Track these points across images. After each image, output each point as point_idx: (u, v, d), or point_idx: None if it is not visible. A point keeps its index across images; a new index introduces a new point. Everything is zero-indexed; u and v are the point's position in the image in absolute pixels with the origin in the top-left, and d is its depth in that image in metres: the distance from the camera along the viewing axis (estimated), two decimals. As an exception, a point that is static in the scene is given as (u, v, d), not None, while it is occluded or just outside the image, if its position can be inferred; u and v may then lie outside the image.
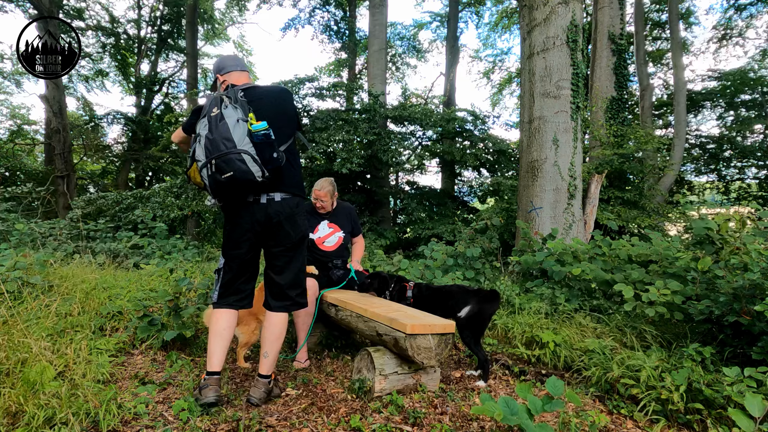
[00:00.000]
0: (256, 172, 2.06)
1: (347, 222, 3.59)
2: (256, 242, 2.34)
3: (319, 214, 3.51)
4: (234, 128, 2.05)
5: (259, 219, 2.26)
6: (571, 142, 5.30)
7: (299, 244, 2.37)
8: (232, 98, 2.15)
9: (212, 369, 2.26)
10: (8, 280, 3.22)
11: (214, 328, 2.32)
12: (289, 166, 2.30)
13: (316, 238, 3.48)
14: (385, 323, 2.54)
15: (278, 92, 2.36)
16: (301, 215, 2.36)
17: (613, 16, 9.76)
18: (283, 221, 2.27)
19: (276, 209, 2.26)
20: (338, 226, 3.54)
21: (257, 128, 2.05)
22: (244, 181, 2.07)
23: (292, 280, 2.39)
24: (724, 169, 14.35)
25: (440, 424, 2.19)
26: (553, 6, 5.28)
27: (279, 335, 2.39)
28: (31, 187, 10.70)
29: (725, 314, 2.72)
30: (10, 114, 18.18)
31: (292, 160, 2.36)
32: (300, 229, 2.36)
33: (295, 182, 2.35)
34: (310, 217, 3.50)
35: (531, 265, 4.42)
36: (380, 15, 11.24)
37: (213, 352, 2.28)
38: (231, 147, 2.02)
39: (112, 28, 17.24)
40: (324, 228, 3.51)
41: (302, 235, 2.38)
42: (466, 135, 10.64)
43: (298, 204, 2.35)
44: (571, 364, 3.02)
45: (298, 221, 2.34)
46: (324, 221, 3.52)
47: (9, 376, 2.09)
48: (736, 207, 12.71)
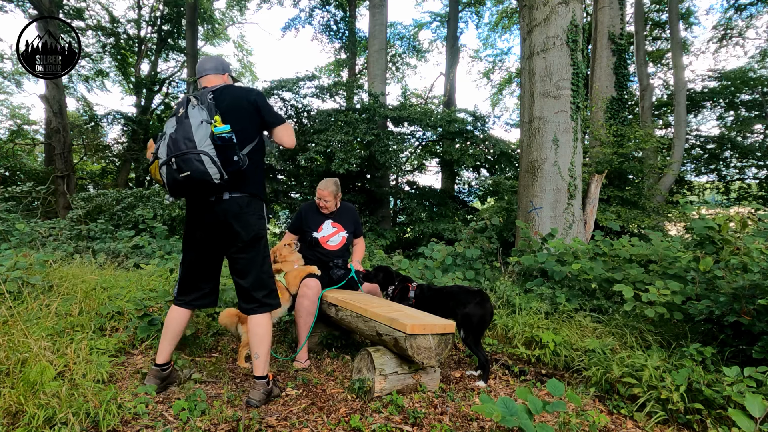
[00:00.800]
0: (214, 174, 2.08)
1: (350, 223, 3.60)
2: (211, 241, 2.35)
3: (322, 213, 3.52)
4: (197, 129, 2.08)
5: (210, 217, 2.29)
6: (571, 142, 5.30)
7: (253, 244, 2.33)
8: (200, 100, 2.20)
9: (157, 361, 2.43)
10: (8, 280, 3.21)
11: (166, 323, 2.44)
12: (252, 168, 2.30)
13: (320, 237, 3.48)
14: (385, 323, 2.54)
15: (245, 93, 2.34)
16: (253, 215, 2.32)
17: (613, 16, 9.76)
18: (231, 220, 2.26)
19: (224, 207, 2.25)
20: (342, 226, 3.54)
21: (220, 131, 2.07)
22: (201, 182, 2.09)
23: (255, 281, 2.36)
24: (724, 169, 14.36)
25: (440, 424, 2.19)
26: (553, 6, 5.28)
27: (263, 336, 2.36)
28: (31, 187, 10.70)
29: (725, 314, 2.72)
30: (10, 114, 18.20)
31: (257, 162, 2.36)
32: (252, 229, 2.31)
33: (253, 182, 2.33)
34: (314, 216, 3.52)
35: (531, 265, 4.42)
36: (380, 15, 11.24)
37: (160, 345, 2.43)
38: (191, 147, 2.05)
39: (112, 28, 17.24)
40: (328, 227, 3.51)
41: (256, 235, 2.33)
42: (466, 135, 10.64)
43: (249, 203, 2.31)
44: (571, 364, 3.02)
45: (250, 221, 2.30)
46: (328, 220, 3.53)
47: (9, 376, 2.09)
48: (736, 207, 12.72)
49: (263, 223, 2.38)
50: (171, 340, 2.43)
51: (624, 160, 7.47)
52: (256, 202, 2.35)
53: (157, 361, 2.44)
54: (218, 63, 2.51)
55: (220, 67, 2.50)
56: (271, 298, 2.42)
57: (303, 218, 3.53)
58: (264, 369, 2.37)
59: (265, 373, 2.38)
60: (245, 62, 23.31)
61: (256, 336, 2.35)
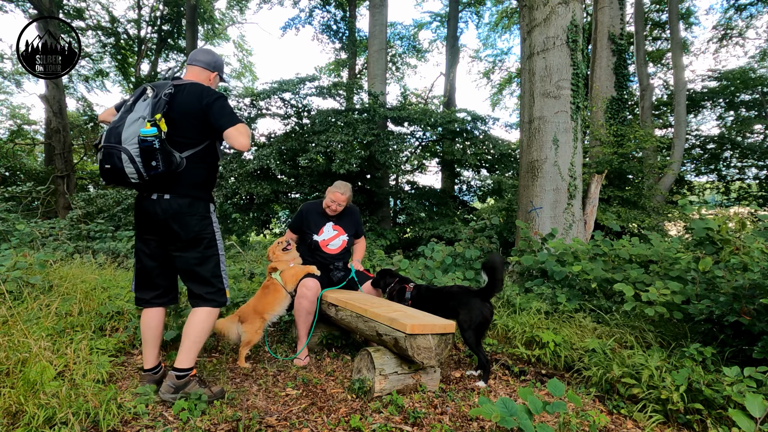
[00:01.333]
0: (131, 173, 2.06)
1: (352, 225, 3.56)
2: (154, 236, 2.33)
3: (325, 215, 3.47)
4: (130, 125, 2.04)
5: (149, 214, 2.27)
6: (571, 142, 5.29)
7: (194, 244, 2.29)
8: (155, 92, 2.16)
9: (145, 367, 2.42)
10: (8, 280, 3.21)
11: (141, 330, 2.41)
12: (191, 169, 2.25)
13: (321, 241, 3.44)
14: (385, 323, 2.55)
15: (200, 96, 2.25)
16: (194, 216, 2.28)
17: (613, 16, 9.76)
18: (169, 219, 2.24)
19: (163, 207, 2.24)
20: (343, 229, 3.50)
21: (145, 133, 2.02)
22: (120, 178, 2.09)
23: (195, 279, 2.34)
24: (724, 169, 14.36)
25: (440, 424, 2.19)
26: (553, 6, 5.28)
27: (190, 331, 2.31)
28: (31, 187, 10.69)
29: (725, 314, 2.72)
30: (10, 114, 18.20)
31: (200, 164, 2.30)
32: (192, 230, 2.27)
33: (193, 185, 2.29)
34: (316, 217, 3.46)
35: (531, 265, 4.42)
36: (380, 15, 11.24)
37: (144, 352, 2.43)
38: (115, 142, 2.04)
39: (112, 28, 17.24)
40: (329, 230, 3.47)
41: (196, 236, 2.29)
42: (466, 135, 10.64)
43: (191, 204, 2.27)
44: (571, 364, 3.02)
45: (189, 222, 2.26)
46: (329, 223, 3.48)
47: (9, 376, 2.09)
48: (736, 207, 12.72)
49: (207, 224, 2.33)
50: (151, 344, 2.41)
51: (624, 160, 7.47)
52: (199, 204, 2.31)
53: (145, 368, 2.42)
54: (212, 59, 2.46)
55: (212, 65, 2.45)
56: (216, 295, 2.37)
57: (304, 219, 3.49)
58: (182, 362, 2.29)
59: (183, 366, 2.29)
60: (245, 62, 23.33)
61: (186, 328, 2.32)
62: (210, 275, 2.35)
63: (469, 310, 2.86)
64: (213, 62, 2.46)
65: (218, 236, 2.40)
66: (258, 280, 4.98)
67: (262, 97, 10.27)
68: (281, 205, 10.78)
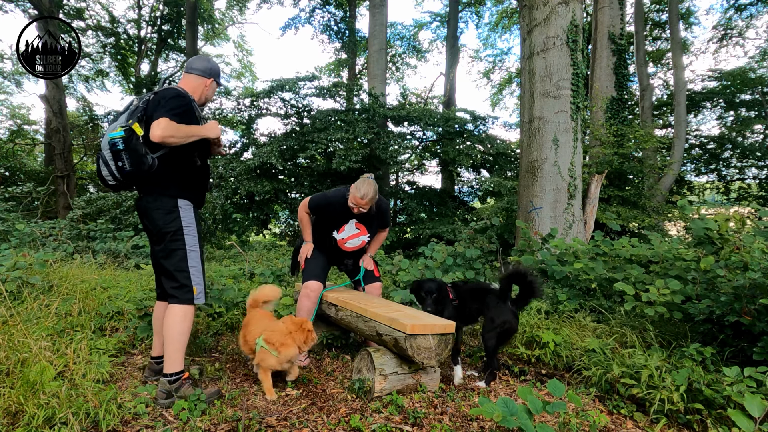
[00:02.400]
0: (106, 175, 2.26)
1: (376, 225, 3.28)
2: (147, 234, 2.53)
3: (350, 211, 3.11)
4: (110, 130, 2.21)
5: (138, 214, 2.53)
6: (571, 142, 5.29)
7: (161, 237, 2.37)
8: (141, 99, 2.34)
9: (152, 354, 2.62)
10: (8, 280, 3.22)
11: (153, 318, 2.62)
12: (162, 168, 2.33)
13: (339, 239, 3.21)
14: (385, 323, 2.54)
15: (161, 97, 2.31)
16: (159, 210, 2.36)
17: (613, 16, 9.76)
18: (142, 216, 2.45)
19: (140, 205, 2.45)
20: (366, 229, 3.23)
21: (111, 136, 2.19)
22: (104, 181, 2.31)
23: (164, 272, 2.41)
24: (724, 169, 14.36)
25: (440, 424, 2.19)
26: (553, 6, 5.28)
27: (165, 332, 2.34)
28: (31, 187, 10.69)
29: (726, 314, 2.72)
30: (10, 114, 18.19)
31: (170, 163, 2.36)
32: (157, 224, 2.36)
33: (164, 182, 2.36)
34: (341, 211, 3.13)
35: (531, 265, 4.42)
36: (380, 15, 11.24)
37: (154, 339, 2.61)
38: (97, 149, 2.29)
39: (112, 28, 17.24)
40: (351, 228, 3.22)
41: (161, 230, 2.36)
42: (466, 135, 10.64)
43: (156, 200, 2.37)
44: (572, 364, 3.02)
45: (155, 216, 2.36)
46: (353, 220, 3.20)
47: (9, 376, 2.09)
48: (736, 207, 12.73)
49: (172, 218, 2.36)
50: (158, 333, 2.56)
51: (624, 160, 7.47)
52: (164, 200, 2.37)
53: (152, 354, 2.60)
54: (207, 66, 2.52)
55: (207, 71, 2.51)
56: (179, 291, 2.37)
57: (328, 208, 3.17)
58: (169, 366, 2.32)
59: (170, 370, 2.31)
60: (245, 62, 23.34)
61: (163, 326, 2.37)
62: (174, 269, 2.38)
63: (501, 314, 2.83)
64: (208, 69, 2.51)
65: (187, 231, 2.40)
66: (258, 280, 4.98)
67: (261, 96, 10.28)
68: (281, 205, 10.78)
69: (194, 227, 2.44)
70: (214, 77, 2.53)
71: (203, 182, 2.58)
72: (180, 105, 2.30)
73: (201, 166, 2.52)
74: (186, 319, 2.37)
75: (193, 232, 2.43)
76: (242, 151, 11.07)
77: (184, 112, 2.31)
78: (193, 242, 2.42)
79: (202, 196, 2.59)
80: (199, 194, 2.56)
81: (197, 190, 2.52)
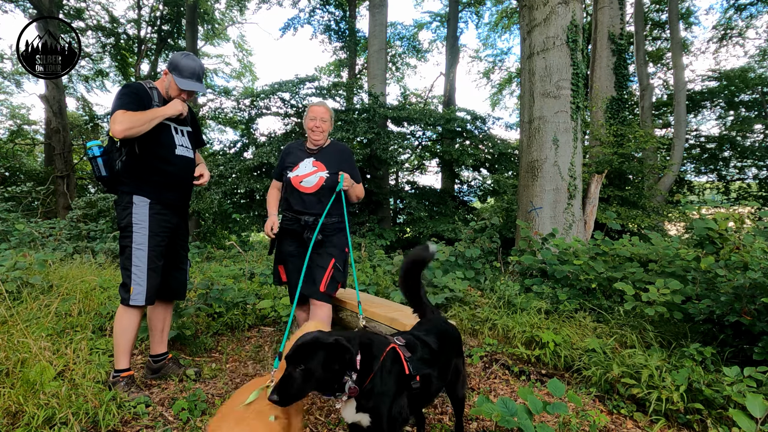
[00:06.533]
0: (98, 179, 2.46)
1: (335, 162, 2.84)
2: None
3: (307, 151, 2.89)
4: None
5: None
6: (571, 142, 5.29)
7: (120, 234, 2.45)
8: None
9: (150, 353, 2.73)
10: (8, 281, 3.22)
11: None
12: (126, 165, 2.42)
13: (293, 177, 2.81)
14: (385, 323, 2.54)
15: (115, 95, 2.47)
16: (117, 206, 2.44)
17: (613, 16, 9.76)
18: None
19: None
20: (324, 165, 2.82)
21: (89, 145, 2.41)
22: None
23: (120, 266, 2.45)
24: (724, 169, 14.36)
25: (440, 424, 2.19)
26: (553, 6, 5.28)
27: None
28: (31, 187, 10.69)
29: (726, 314, 2.72)
30: (10, 114, 18.19)
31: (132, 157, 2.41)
32: (116, 221, 2.49)
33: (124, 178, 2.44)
34: (296, 152, 2.91)
35: (531, 264, 4.42)
36: (380, 15, 11.24)
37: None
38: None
39: (112, 28, 17.24)
40: (307, 165, 2.83)
41: (118, 225, 2.45)
42: (466, 135, 10.64)
43: (117, 197, 2.46)
44: (572, 364, 3.01)
45: (116, 213, 2.47)
46: (309, 158, 2.86)
47: (9, 376, 2.09)
48: (736, 207, 12.73)
49: (125, 215, 2.39)
50: (152, 331, 2.68)
51: (624, 160, 7.47)
52: (122, 196, 2.42)
53: (150, 353, 2.70)
54: (171, 60, 2.53)
55: (169, 65, 2.54)
56: (120, 289, 2.38)
57: (284, 157, 2.94)
58: (115, 363, 2.39)
59: (115, 367, 2.39)
60: (245, 62, 23.33)
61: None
62: (120, 266, 2.42)
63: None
64: (170, 62, 2.52)
65: (137, 229, 2.35)
66: (258, 280, 4.98)
67: (261, 97, 10.29)
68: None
69: (146, 225, 2.36)
70: (172, 71, 2.47)
71: (167, 178, 2.45)
72: (124, 94, 2.32)
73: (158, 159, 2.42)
74: (121, 319, 2.34)
75: (144, 230, 2.36)
76: (242, 150, 11.08)
77: (129, 98, 2.30)
78: (142, 240, 2.34)
79: (171, 193, 2.47)
80: (164, 191, 2.44)
81: (159, 186, 2.42)
